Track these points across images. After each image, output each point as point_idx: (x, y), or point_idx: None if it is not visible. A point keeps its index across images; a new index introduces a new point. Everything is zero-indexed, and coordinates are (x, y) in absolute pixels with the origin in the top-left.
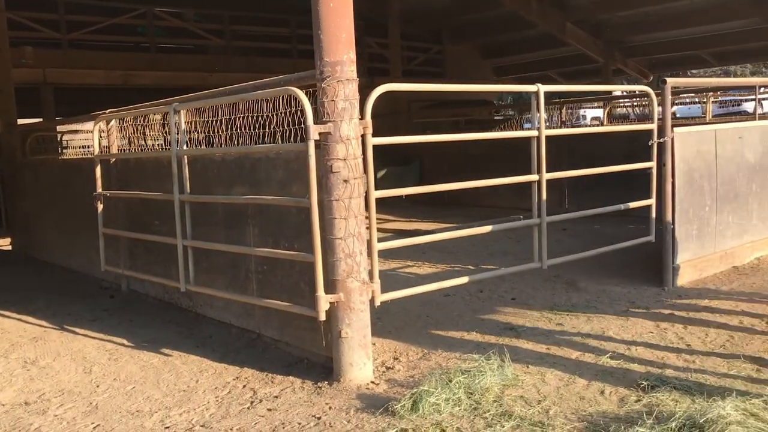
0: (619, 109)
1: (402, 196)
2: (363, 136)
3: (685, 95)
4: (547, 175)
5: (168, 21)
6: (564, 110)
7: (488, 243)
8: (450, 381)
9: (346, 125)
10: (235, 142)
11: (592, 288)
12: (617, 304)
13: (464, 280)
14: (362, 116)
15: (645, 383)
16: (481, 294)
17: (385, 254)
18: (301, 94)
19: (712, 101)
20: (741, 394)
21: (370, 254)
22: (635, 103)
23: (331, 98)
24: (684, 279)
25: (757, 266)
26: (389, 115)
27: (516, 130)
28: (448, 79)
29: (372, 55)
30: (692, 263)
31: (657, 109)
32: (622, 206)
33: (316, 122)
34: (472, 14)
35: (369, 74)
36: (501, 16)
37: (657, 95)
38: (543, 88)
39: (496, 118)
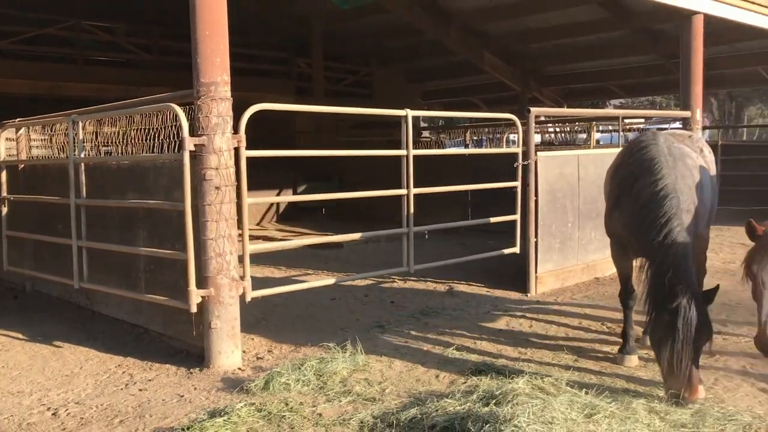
0: (547, 135)
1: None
2: (237, 149)
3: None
4: (414, 190)
5: (96, 35)
6: (468, 133)
7: (391, 253)
8: (302, 365)
9: (219, 138)
10: (131, 152)
11: (464, 292)
12: (482, 307)
13: (330, 281)
14: (236, 131)
15: (475, 369)
16: (366, 298)
17: (287, 263)
18: (178, 110)
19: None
20: (547, 376)
21: (278, 254)
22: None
23: (206, 114)
24: (546, 287)
25: (616, 278)
26: (313, 132)
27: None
28: (375, 101)
29: (302, 75)
30: (555, 273)
31: (521, 135)
32: (487, 220)
33: (192, 135)
34: (396, 40)
35: (297, 93)
36: (424, 42)
37: (522, 123)
38: (411, 113)
39: (422, 138)
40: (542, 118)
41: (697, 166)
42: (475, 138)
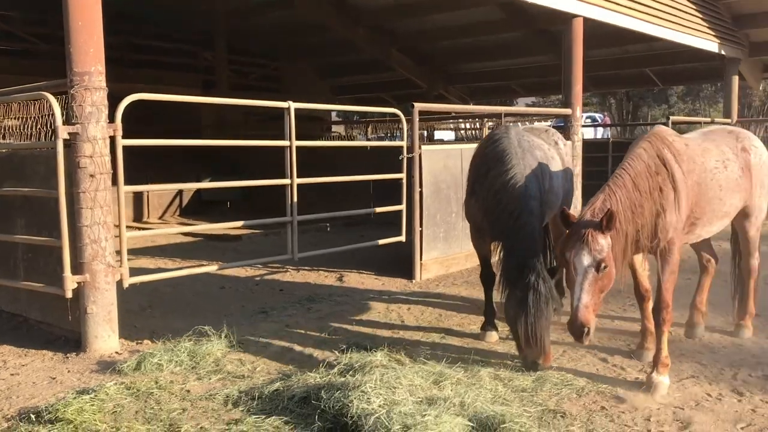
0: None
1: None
2: (113, 138)
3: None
4: (297, 180)
5: None
6: (369, 128)
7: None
8: (176, 347)
9: (93, 127)
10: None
11: (354, 280)
12: (368, 293)
13: (213, 267)
14: (112, 120)
15: (346, 348)
16: (256, 287)
17: (183, 255)
18: (51, 98)
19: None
20: (406, 350)
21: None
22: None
23: (79, 103)
24: (431, 273)
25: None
26: (220, 126)
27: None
28: (285, 96)
29: (210, 68)
30: (439, 260)
31: (406, 129)
32: (371, 210)
33: (67, 124)
34: (306, 36)
35: (204, 87)
36: (334, 39)
37: (407, 119)
38: (293, 105)
39: (332, 133)
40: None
41: (548, 157)
42: (387, 132)
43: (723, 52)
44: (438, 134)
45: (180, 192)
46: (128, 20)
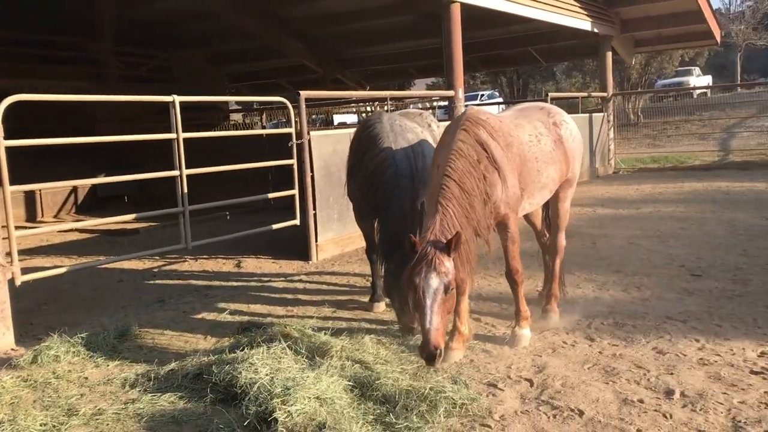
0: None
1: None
2: None
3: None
4: (186, 171)
5: None
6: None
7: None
8: (72, 338)
9: None
10: None
11: (252, 265)
12: (265, 276)
13: (106, 261)
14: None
15: (240, 328)
16: (154, 277)
17: (80, 251)
18: None
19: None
20: (294, 324)
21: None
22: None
23: None
24: (327, 254)
25: None
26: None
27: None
28: (178, 86)
29: (97, 61)
30: (335, 241)
31: (293, 116)
32: (266, 196)
33: None
34: (196, 24)
35: (92, 80)
36: (225, 27)
37: (294, 106)
38: (178, 99)
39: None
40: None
41: (419, 139)
42: (285, 119)
43: (596, 30)
44: (340, 118)
45: (75, 189)
46: (9, 14)
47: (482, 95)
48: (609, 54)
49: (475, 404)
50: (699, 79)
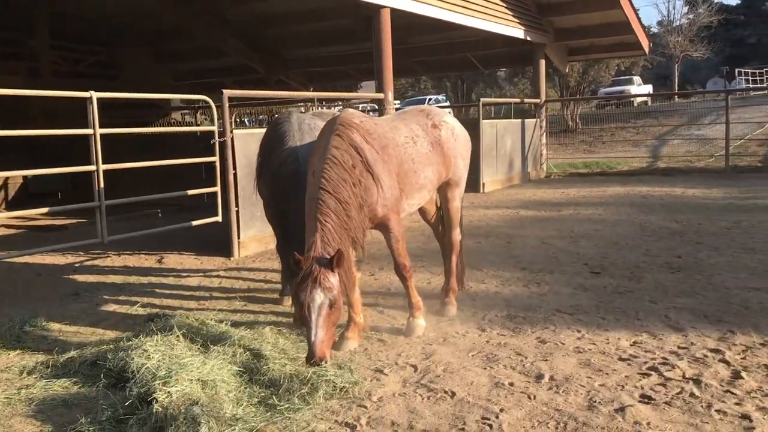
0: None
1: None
2: None
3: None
4: (103, 166)
5: None
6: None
7: (117, 230)
8: None
9: None
10: None
11: (173, 261)
12: (185, 272)
13: (19, 254)
14: None
15: (148, 319)
16: (74, 272)
17: (4, 246)
18: None
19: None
20: (197, 315)
21: None
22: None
23: None
24: (250, 251)
25: None
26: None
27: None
28: (123, 82)
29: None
30: (258, 238)
31: (216, 115)
32: (185, 193)
33: None
34: (139, 22)
35: (31, 74)
36: (169, 25)
37: (217, 105)
38: (96, 95)
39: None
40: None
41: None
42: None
43: (529, 38)
44: None
45: (6, 185)
46: None
47: (430, 99)
48: (542, 62)
49: (356, 387)
50: (639, 88)
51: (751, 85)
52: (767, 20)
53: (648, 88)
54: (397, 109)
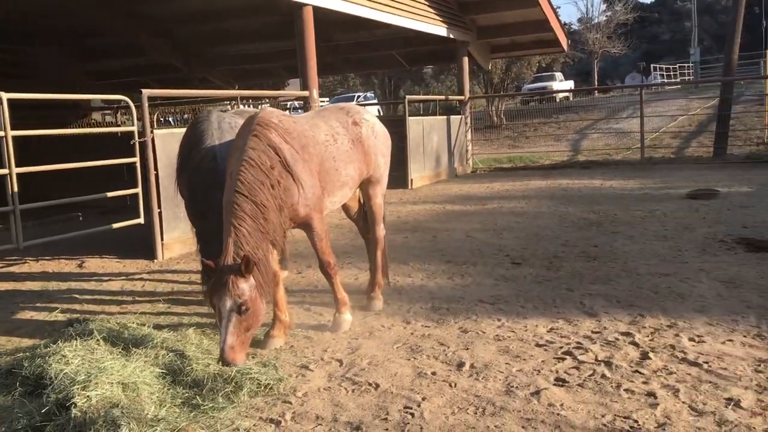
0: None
1: None
2: None
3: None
4: (16, 169)
5: None
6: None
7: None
8: None
9: None
10: None
11: (95, 265)
12: (106, 275)
13: None
14: None
15: (67, 324)
16: None
17: None
18: None
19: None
20: (118, 318)
21: None
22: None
23: None
24: (174, 252)
25: None
26: None
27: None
28: (39, 82)
29: None
30: (182, 240)
31: (136, 115)
32: (104, 195)
33: None
34: (52, 19)
35: None
36: (86, 22)
37: (136, 105)
38: (5, 96)
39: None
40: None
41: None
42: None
43: (452, 36)
44: None
45: None
46: None
47: (359, 96)
48: (466, 59)
49: (281, 384)
50: (561, 84)
51: (665, 80)
52: (679, 18)
53: (569, 84)
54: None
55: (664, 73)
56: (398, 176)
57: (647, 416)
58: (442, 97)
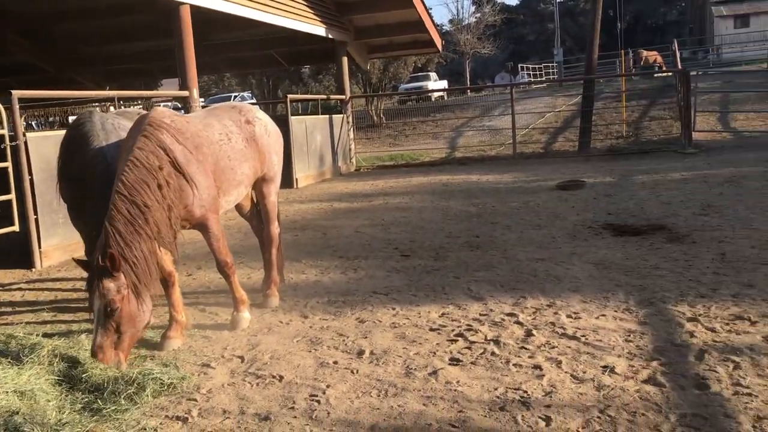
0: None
1: None
2: None
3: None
4: None
5: None
6: None
7: None
8: None
9: None
10: None
11: None
12: None
13: None
14: None
15: None
16: None
17: None
18: None
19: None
20: (20, 330)
21: None
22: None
23: None
24: (54, 260)
25: None
26: None
27: None
28: None
29: None
30: (62, 246)
31: (5, 118)
32: None
33: None
34: None
35: None
36: None
37: (6, 107)
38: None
39: None
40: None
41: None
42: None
43: (330, 36)
44: None
45: None
46: None
47: (236, 96)
48: (345, 59)
49: (184, 383)
50: (436, 84)
51: (532, 79)
52: (543, 20)
53: (443, 84)
54: (203, 107)
55: (531, 73)
56: (283, 175)
57: (535, 386)
58: (324, 96)
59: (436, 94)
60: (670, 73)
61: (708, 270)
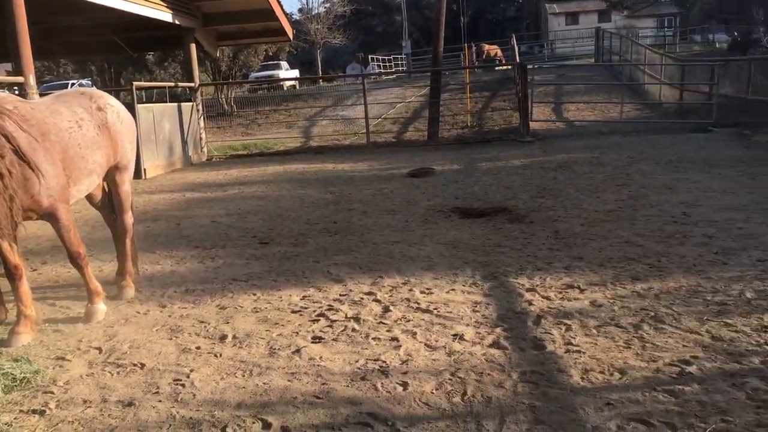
0: None
1: None
2: None
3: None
4: None
5: None
6: None
7: None
8: None
9: None
10: None
11: None
12: None
13: None
14: None
15: None
16: None
17: None
18: None
19: None
20: None
21: None
22: None
23: None
24: None
25: None
26: None
27: None
28: None
29: None
30: None
31: None
32: None
33: None
34: None
35: None
36: None
37: None
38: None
39: None
40: None
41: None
42: None
43: (177, 22)
44: None
45: None
46: None
47: (74, 84)
48: (193, 46)
49: (38, 376)
50: (287, 73)
51: (382, 70)
52: (391, 12)
53: (295, 73)
54: (41, 95)
55: (381, 64)
56: None
57: (393, 356)
58: (172, 84)
59: (288, 83)
60: (509, 66)
61: (544, 246)
